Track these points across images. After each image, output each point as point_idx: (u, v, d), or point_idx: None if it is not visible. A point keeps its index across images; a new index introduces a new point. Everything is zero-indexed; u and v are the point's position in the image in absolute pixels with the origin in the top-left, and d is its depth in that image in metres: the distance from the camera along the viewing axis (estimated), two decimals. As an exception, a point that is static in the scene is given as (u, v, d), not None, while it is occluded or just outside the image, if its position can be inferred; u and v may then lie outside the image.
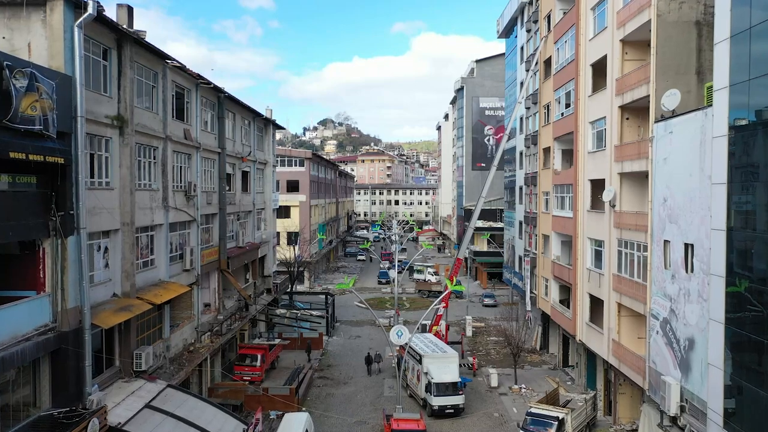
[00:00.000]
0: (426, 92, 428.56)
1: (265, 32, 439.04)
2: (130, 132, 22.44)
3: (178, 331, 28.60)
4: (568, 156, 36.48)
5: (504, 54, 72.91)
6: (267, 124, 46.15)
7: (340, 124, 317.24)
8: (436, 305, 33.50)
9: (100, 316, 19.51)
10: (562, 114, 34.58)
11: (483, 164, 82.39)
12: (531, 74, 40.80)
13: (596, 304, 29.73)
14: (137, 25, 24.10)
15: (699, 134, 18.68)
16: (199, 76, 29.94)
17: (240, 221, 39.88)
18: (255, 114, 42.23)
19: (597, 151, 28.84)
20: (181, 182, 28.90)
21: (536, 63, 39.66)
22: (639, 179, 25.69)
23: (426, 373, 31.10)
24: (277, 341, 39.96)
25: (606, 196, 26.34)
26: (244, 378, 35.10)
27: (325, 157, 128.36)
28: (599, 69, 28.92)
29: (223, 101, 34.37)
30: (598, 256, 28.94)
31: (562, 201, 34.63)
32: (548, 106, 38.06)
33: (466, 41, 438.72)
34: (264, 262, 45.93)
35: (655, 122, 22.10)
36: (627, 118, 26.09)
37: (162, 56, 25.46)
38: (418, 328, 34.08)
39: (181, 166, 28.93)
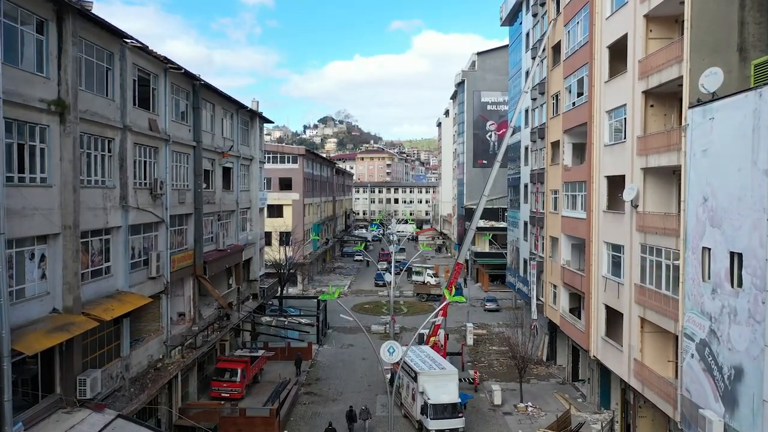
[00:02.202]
0: (427, 90, 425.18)
1: (266, 31, 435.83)
2: (74, 119, 19.12)
3: (142, 347, 25.33)
4: (580, 150, 33.16)
5: (506, 46, 69.58)
6: (253, 116, 42.87)
7: (341, 122, 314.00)
8: (432, 318, 30.20)
9: (26, 339, 16.22)
10: (574, 104, 31.24)
11: (485, 161, 79.03)
12: (538, 62, 37.45)
13: (614, 316, 26.44)
14: (135, 24, 20.84)
15: (751, 119, 15.36)
16: (167, 60, 26.63)
17: (221, 222, 36.62)
18: (239, 105, 38.96)
19: (615, 144, 25.50)
20: (145, 179, 25.62)
21: (544, 49, 36.29)
22: (666, 175, 22.40)
23: (422, 393, 27.84)
24: (261, 353, 36.67)
25: (627, 195, 23.02)
26: (222, 395, 31.91)
27: (323, 155, 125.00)
28: (618, 51, 25.58)
29: (198, 90, 31.08)
30: (616, 262, 25.63)
31: (574, 200, 31.31)
32: (557, 95, 34.71)
33: (467, 39, 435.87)
34: (249, 266, 42.68)
35: (690, 108, 18.78)
36: (651, 106, 22.76)
37: (118, 34, 22.15)
38: (415, 339, 30.85)
39: (145, 161, 25.64)
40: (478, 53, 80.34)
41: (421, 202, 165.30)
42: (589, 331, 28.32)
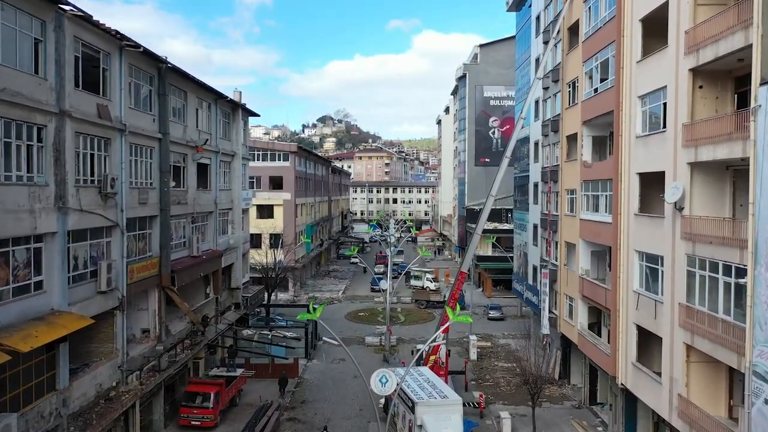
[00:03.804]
0: (427, 90, 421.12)
1: (266, 30, 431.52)
2: (-20, 98, 15.11)
3: (88, 376, 21.32)
4: (600, 144, 29.23)
5: (510, 38, 65.59)
6: (235, 108, 38.88)
7: (340, 122, 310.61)
8: (431, 343, 26.31)
9: None
10: (596, 90, 27.21)
11: (487, 159, 75.12)
12: (551, 46, 33.39)
13: (647, 338, 22.42)
14: (133, 24, 16.87)
15: None
16: (121, 36, 22.57)
17: (196, 225, 32.63)
18: (217, 95, 34.96)
19: (651, 135, 21.46)
20: (92, 175, 21.61)
21: (558, 31, 32.26)
22: (718, 171, 18.41)
23: (420, 427, 23.81)
24: (239, 372, 32.61)
25: (670, 196, 18.96)
26: (193, 423, 27.99)
27: (322, 154, 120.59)
28: (654, 25, 21.57)
29: (165, 74, 27.04)
30: (652, 276, 21.58)
31: (596, 201, 27.29)
32: (574, 83, 30.68)
33: (467, 39, 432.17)
34: (231, 272, 38.69)
35: (763, 84, 14.75)
36: (700, 87, 18.74)
37: (50, -2, 18.16)
38: (413, 363, 26.84)
39: (92, 154, 21.62)
40: (481, 45, 76.31)
41: (420, 202, 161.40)
42: (616, 355, 24.26)
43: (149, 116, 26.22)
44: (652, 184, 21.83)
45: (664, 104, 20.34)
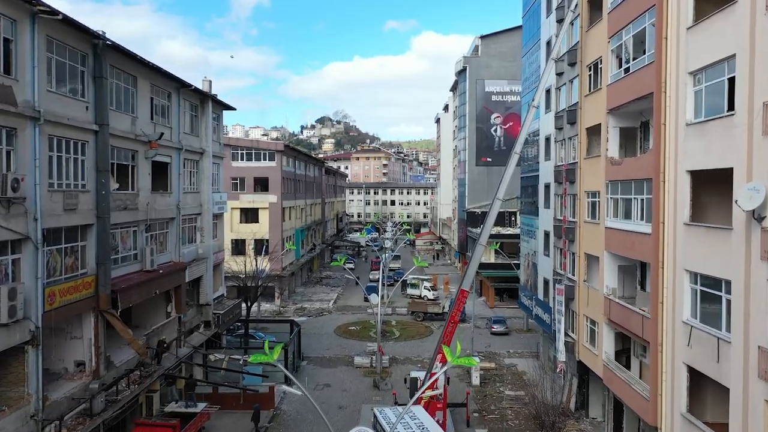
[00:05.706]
0: (426, 91, 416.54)
1: (266, 32, 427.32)
2: None
3: (-21, 435, 16.45)
4: (629, 137, 24.42)
5: (513, 29, 60.98)
6: (204, 99, 34.09)
7: (338, 123, 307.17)
8: (425, 391, 21.48)
9: None
10: (626, 70, 22.30)
11: (489, 158, 70.29)
12: (566, 24, 28.52)
13: (698, 377, 17.55)
14: (133, 25, 12.09)
15: None
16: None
17: (151, 233, 27.85)
18: (180, 83, 30.15)
19: (710, 121, 16.55)
20: (-13, 175, 16.78)
21: (576, 5, 27.40)
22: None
23: (411, 491, 18.95)
24: (201, 407, 27.73)
25: (747, 202, 14.03)
26: (139, 474, 23.11)
27: (319, 155, 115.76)
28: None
29: (103, 53, 22.23)
30: (712, 305, 16.66)
31: (626, 206, 22.38)
32: (596, 64, 25.82)
33: (466, 40, 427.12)
34: (200, 287, 33.84)
35: None
36: (787, 54, 13.88)
37: None
38: (412, 401, 22.04)
39: (-14, 148, 16.81)
40: (482, 37, 71.43)
41: (419, 203, 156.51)
42: (659, 402, 19.31)
43: (80, 103, 21.39)
44: (706, 185, 16.99)
45: (730, 80, 15.47)
